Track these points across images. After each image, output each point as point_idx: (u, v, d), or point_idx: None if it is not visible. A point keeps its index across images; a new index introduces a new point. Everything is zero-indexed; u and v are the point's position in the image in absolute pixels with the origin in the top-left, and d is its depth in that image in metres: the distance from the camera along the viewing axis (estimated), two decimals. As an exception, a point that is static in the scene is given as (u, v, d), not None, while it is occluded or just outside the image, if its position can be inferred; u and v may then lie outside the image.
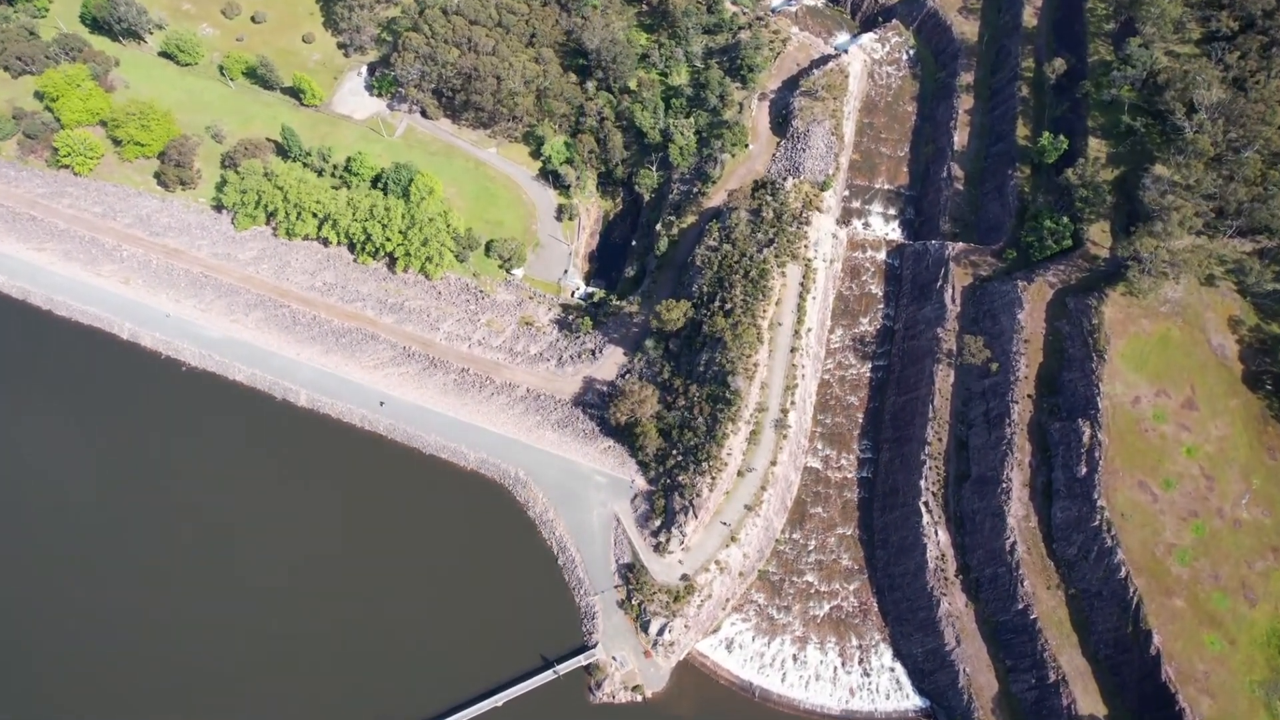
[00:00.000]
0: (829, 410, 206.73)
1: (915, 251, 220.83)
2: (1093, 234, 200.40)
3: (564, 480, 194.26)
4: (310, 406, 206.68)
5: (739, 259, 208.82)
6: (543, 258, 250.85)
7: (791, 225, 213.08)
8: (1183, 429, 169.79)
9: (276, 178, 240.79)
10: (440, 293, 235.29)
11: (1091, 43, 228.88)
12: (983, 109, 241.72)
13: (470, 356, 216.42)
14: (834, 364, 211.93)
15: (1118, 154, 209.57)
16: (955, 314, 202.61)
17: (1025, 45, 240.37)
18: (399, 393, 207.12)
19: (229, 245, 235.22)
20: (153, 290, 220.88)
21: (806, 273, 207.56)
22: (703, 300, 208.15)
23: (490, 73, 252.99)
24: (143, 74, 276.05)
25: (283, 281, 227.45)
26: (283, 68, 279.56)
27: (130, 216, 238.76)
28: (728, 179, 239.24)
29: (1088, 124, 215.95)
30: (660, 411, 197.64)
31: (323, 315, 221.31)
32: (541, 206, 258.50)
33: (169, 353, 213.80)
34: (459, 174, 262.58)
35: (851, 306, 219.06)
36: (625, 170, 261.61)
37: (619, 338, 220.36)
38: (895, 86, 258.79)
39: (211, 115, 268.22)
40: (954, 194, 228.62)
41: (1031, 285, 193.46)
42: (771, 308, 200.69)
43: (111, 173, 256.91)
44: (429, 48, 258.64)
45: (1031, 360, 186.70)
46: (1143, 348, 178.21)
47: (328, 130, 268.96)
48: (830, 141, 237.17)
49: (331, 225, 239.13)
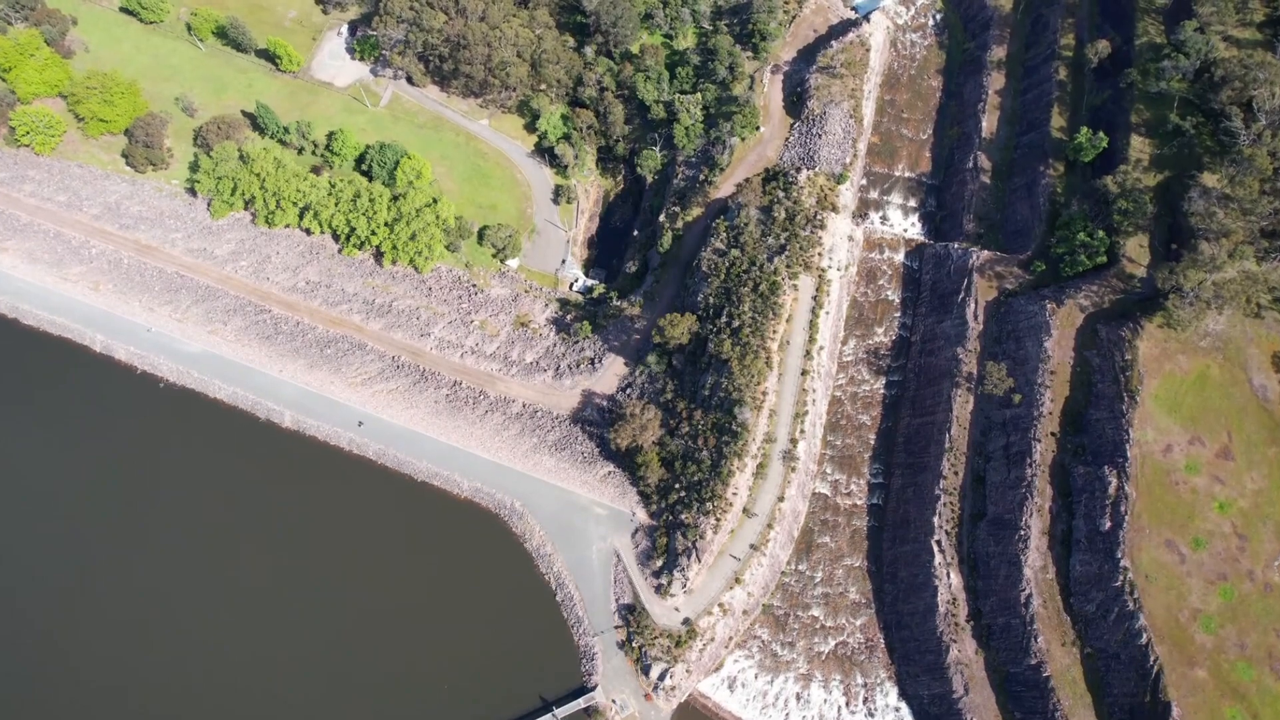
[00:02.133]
0: (839, 430, 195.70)
1: (936, 255, 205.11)
2: (1130, 249, 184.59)
3: (562, 512, 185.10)
4: (295, 428, 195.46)
5: (748, 268, 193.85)
6: (539, 245, 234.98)
7: (805, 229, 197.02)
8: (1216, 481, 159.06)
9: (253, 162, 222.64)
10: (431, 289, 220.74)
11: (1140, 20, 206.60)
12: (1014, 90, 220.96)
13: (463, 368, 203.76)
14: (846, 379, 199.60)
15: (1162, 156, 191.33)
16: (977, 332, 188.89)
17: (1065, 18, 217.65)
18: (389, 414, 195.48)
19: (205, 238, 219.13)
20: (125, 296, 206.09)
21: (820, 285, 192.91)
22: (708, 313, 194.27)
23: (480, 41, 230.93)
24: (104, 34, 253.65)
25: (263, 282, 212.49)
26: (256, 27, 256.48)
27: (98, 205, 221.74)
28: (736, 165, 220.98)
29: (1130, 119, 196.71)
30: (663, 437, 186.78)
31: (306, 321, 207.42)
32: (537, 187, 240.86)
33: (145, 367, 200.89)
34: (449, 150, 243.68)
35: (866, 315, 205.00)
36: (627, 146, 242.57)
37: (619, 345, 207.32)
38: (920, 58, 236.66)
39: (181, 84, 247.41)
40: (979, 188, 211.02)
41: (1061, 309, 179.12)
42: (782, 326, 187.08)
43: (75, 151, 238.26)
44: (413, 12, 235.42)
45: (1057, 393, 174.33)
46: (1178, 388, 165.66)
47: (307, 100, 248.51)
48: (848, 125, 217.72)
49: (313, 216, 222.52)
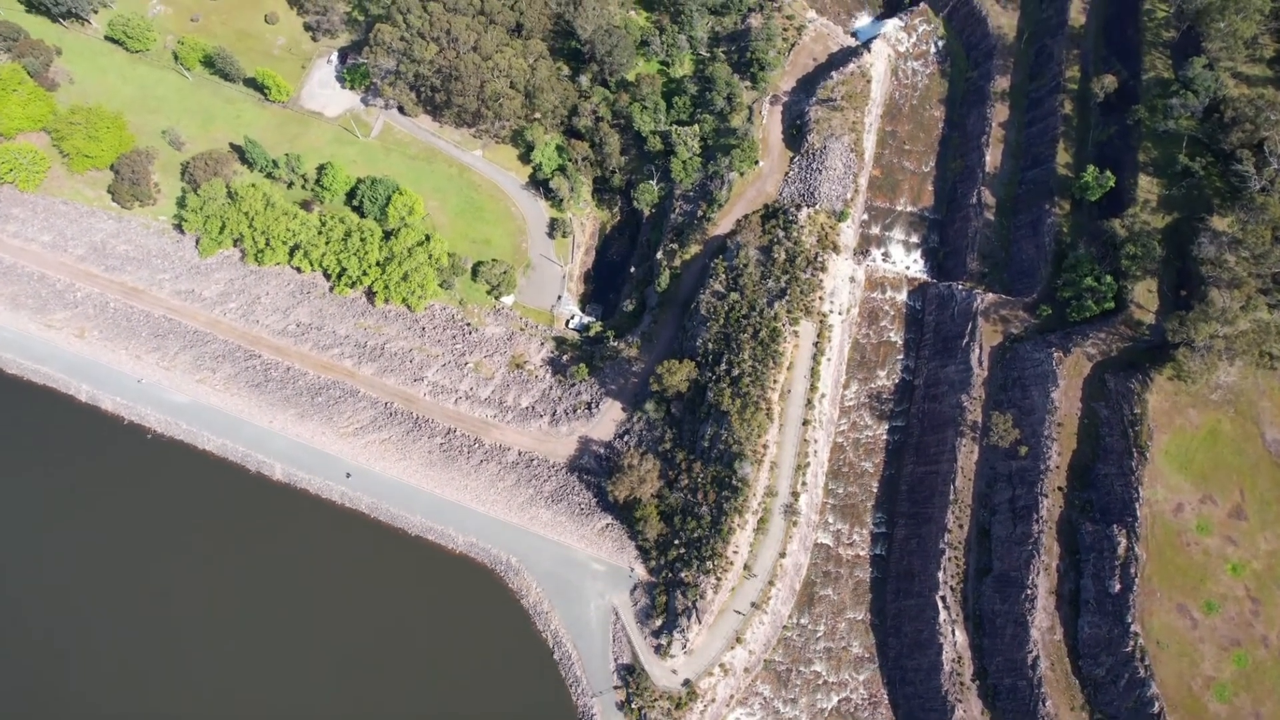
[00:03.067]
0: (841, 478, 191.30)
1: (940, 295, 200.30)
2: (1138, 294, 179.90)
3: (559, 568, 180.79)
4: (286, 481, 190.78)
5: (747, 313, 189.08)
6: (534, 281, 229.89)
7: (805, 271, 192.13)
8: (1228, 542, 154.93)
9: (241, 201, 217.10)
10: (424, 328, 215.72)
11: (1147, 54, 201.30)
12: (1018, 122, 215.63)
13: (457, 414, 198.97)
14: (848, 424, 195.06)
15: (1171, 197, 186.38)
16: (982, 379, 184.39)
17: (1070, 49, 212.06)
18: (381, 465, 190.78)
19: (193, 279, 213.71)
20: (112, 343, 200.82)
21: (821, 330, 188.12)
22: (707, 360, 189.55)
23: (472, 73, 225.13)
24: (89, 64, 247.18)
25: (252, 325, 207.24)
26: (244, 55, 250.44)
27: (83, 245, 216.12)
28: (735, 201, 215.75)
29: (1138, 157, 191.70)
30: (662, 489, 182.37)
31: (297, 366, 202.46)
32: (532, 220, 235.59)
33: (132, 418, 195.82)
34: (442, 182, 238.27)
35: (868, 357, 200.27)
36: (623, 178, 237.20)
37: (617, 389, 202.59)
38: (922, 86, 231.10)
39: (168, 115, 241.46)
40: (983, 225, 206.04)
41: (1068, 358, 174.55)
42: (783, 374, 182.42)
43: (60, 187, 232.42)
44: (403, 43, 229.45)
45: (1064, 446, 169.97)
46: (1188, 444, 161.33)
47: (297, 131, 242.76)
48: (849, 160, 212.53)
49: (304, 255, 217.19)
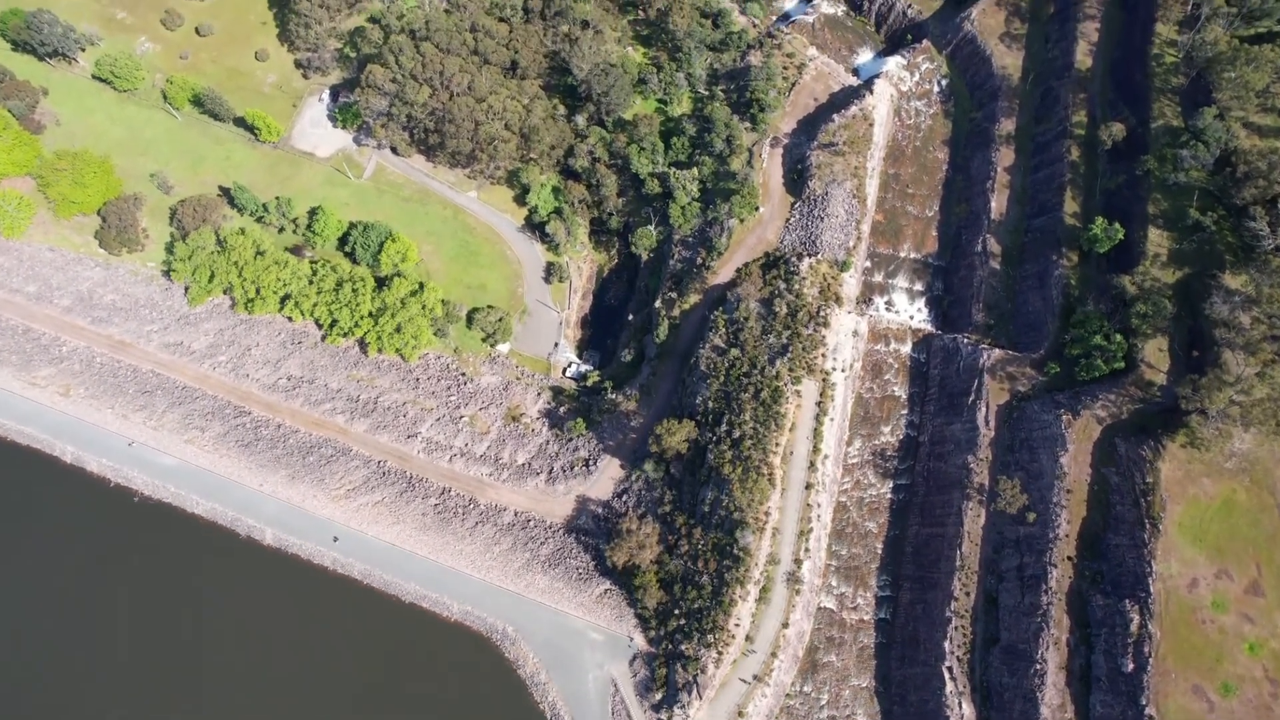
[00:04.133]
0: (845, 539, 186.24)
1: (945, 349, 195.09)
2: (1149, 353, 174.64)
3: (556, 637, 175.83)
4: (277, 545, 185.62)
5: (748, 371, 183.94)
6: (530, 328, 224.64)
7: (807, 326, 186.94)
8: (1245, 620, 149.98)
9: (230, 250, 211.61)
10: (418, 379, 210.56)
11: (1156, 101, 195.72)
12: (1024, 166, 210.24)
13: (452, 473, 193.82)
14: (851, 482, 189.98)
15: (1181, 252, 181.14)
16: (989, 439, 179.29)
17: (1077, 93, 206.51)
18: (375, 529, 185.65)
19: (182, 330, 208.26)
20: (98, 401, 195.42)
21: (824, 389, 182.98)
22: (707, 419, 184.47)
23: (466, 116, 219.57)
24: (75, 104, 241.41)
25: (242, 380, 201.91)
26: (234, 93, 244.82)
27: (70, 296, 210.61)
28: (735, 249, 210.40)
29: (1148, 209, 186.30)
30: (661, 555, 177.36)
31: (288, 424, 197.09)
32: (528, 265, 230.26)
33: (119, 480, 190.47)
34: (436, 225, 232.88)
35: (872, 412, 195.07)
36: (621, 220, 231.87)
37: (615, 444, 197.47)
38: (925, 127, 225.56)
39: (156, 158, 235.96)
40: (989, 274, 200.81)
41: (1077, 420, 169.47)
42: (785, 436, 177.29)
43: (46, 233, 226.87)
44: (395, 85, 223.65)
45: (1074, 514, 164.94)
46: (1203, 515, 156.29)
47: (288, 173, 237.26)
48: (851, 206, 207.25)
49: (295, 305, 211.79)
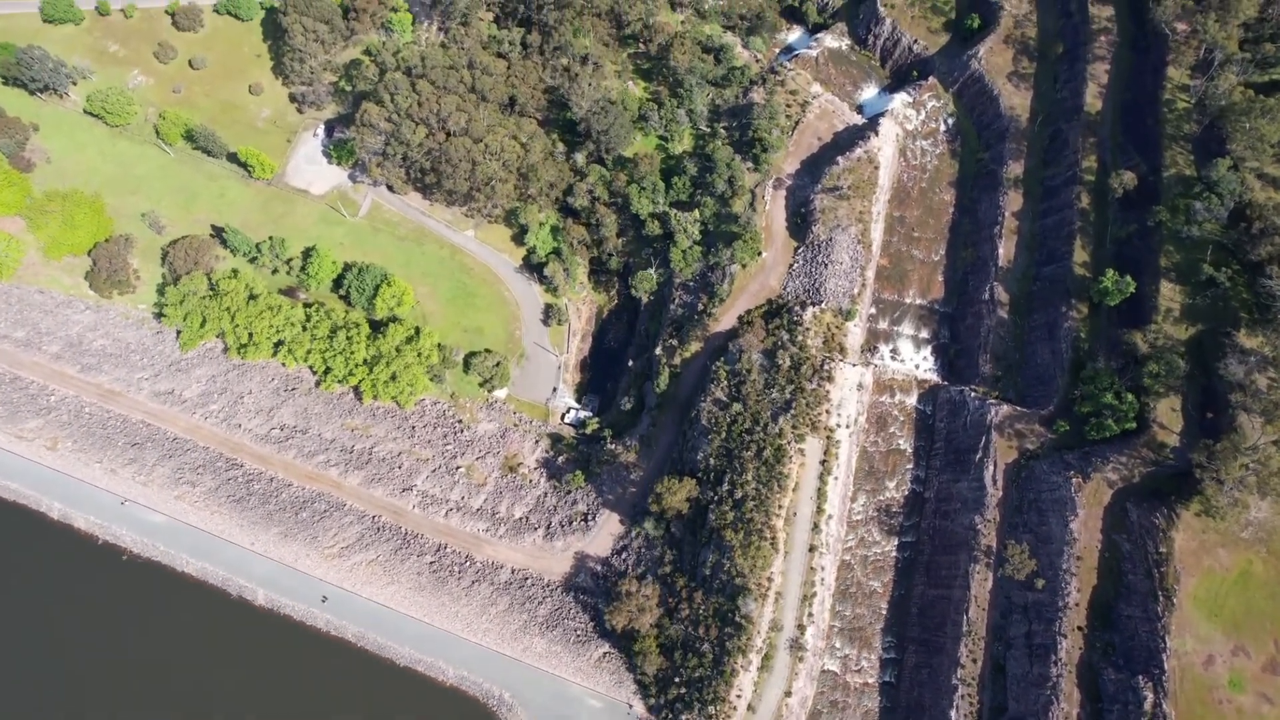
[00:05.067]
0: (849, 599, 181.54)
1: (951, 402, 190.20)
2: (1161, 412, 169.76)
3: (554, 703, 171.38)
4: (269, 606, 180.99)
5: (751, 427, 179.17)
6: (528, 372, 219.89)
7: (811, 381, 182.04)
8: (1264, 700, 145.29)
9: (222, 296, 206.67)
10: (414, 427, 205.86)
11: (1168, 148, 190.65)
12: (1032, 211, 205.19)
13: (448, 529, 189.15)
14: (855, 540, 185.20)
15: (1194, 307, 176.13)
16: (996, 499, 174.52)
17: (1086, 136, 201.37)
18: (369, 590, 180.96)
19: (173, 378, 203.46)
20: (86, 454, 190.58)
21: (828, 448, 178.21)
22: (708, 477, 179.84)
23: (463, 158, 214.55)
24: (66, 140, 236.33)
25: (234, 431, 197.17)
26: (228, 127, 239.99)
27: (59, 341, 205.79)
28: (737, 295, 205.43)
29: (1159, 261, 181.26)
30: (661, 619, 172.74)
31: (281, 477, 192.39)
32: (526, 307, 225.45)
33: (107, 538, 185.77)
34: (432, 265, 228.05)
35: (877, 467, 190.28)
36: (621, 260, 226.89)
37: (614, 498, 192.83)
38: (931, 168, 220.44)
39: (148, 195, 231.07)
40: (997, 324, 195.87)
41: (1087, 484, 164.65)
42: (788, 497, 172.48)
43: (36, 274, 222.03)
44: (391, 125, 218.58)
45: (1084, 582, 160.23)
46: (1218, 588, 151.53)
47: (282, 210, 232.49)
48: (856, 252, 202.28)
49: (288, 351, 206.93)
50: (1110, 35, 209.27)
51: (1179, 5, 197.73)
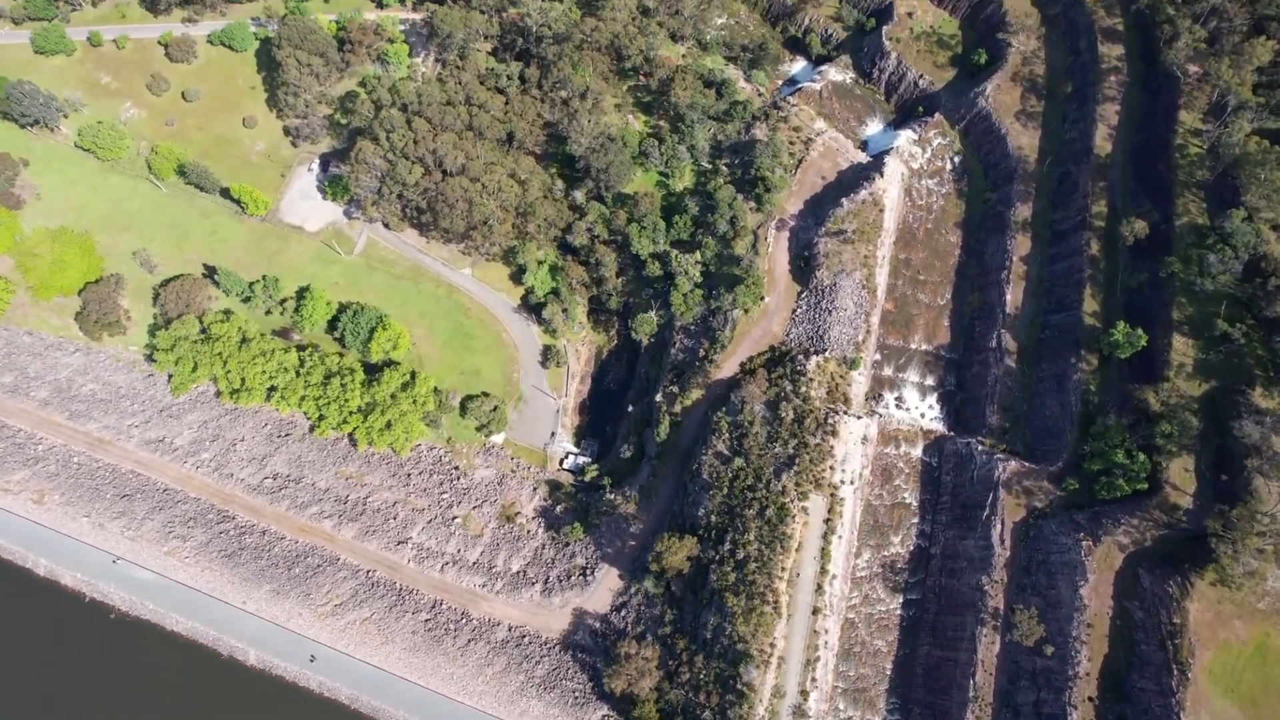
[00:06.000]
0: (852, 658, 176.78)
1: (958, 454, 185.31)
2: (1173, 472, 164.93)
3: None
4: (261, 667, 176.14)
5: (753, 483, 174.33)
6: (526, 415, 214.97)
7: (815, 435, 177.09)
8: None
9: (214, 341, 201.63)
10: (409, 475, 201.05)
11: (1180, 196, 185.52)
12: (1041, 256, 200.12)
13: (444, 584, 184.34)
14: (859, 597, 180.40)
15: (1208, 363, 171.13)
16: (1004, 559, 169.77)
17: (1096, 180, 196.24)
18: (363, 651, 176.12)
19: (164, 424, 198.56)
20: (74, 508, 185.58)
21: (832, 505, 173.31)
22: (709, 534, 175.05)
23: (460, 197, 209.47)
24: (57, 175, 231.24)
25: (226, 481, 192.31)
26: (221, 161, 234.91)
27: (47, 386, 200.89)
28: (739, 341, 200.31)
29: (1171, 314, 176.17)
30: (661, 682, 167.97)
31: (274, 529, 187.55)
32: (524, 348, 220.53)
33: (95, 595, 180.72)
34: (428, 305, 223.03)
35: (881, 521, 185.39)
36: (620, 300, 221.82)
37: (614, 552, 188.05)
38: (937, 208, 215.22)
39: (140, 233, 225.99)
40: (1004, 373, 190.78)
41: (1098, 548, 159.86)
42: (791, 558, 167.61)
43: (25, 315, 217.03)
44: (387, 163, 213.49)
45: (1094, 650, 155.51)
46: (1234, 661, 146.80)
47: (276, 248, 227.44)
48: (860, 298, 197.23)
49: (281, 397, 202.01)
50: (1120, 75, 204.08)
51: (1191, 47, 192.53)
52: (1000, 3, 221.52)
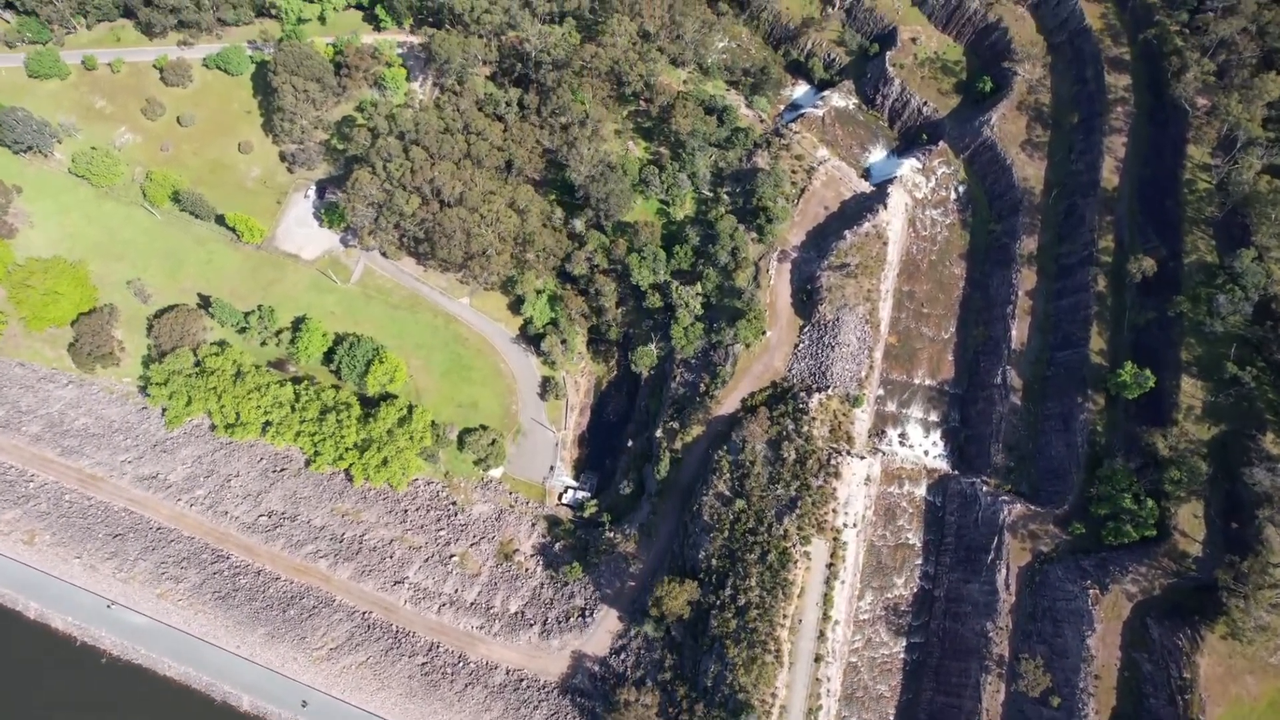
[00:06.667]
0: (855, 703, 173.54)
1: (962, 495, 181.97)
2: (1182, 518, 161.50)
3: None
4: (255, 713, 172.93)
5: (754, 527, 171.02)
6: (525, 449, 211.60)
7: (817, 477, 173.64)
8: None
9: (208, 376, 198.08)
10: (406, 511, 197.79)
11: (1188, 232, 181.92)
12: (1047, 290, 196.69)
13: (440, 626, 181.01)
14: (862, 640, 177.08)
15: (1217, 405, 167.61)
16: (1009, 605, 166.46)
17: (1103, 214, 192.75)
18: (358, 697, 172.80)
19: (158, 460, 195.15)
20: (65, 548, 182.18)
21: (835, 549, 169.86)
22: (710, 578, 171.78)
23: (457, 228, 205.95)
24: (51, 202, 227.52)
25: (220, 519, 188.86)
26: (217, 187, 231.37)
27: (39, 421, 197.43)
28: (741, 376, 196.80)
29: (1180, 355, 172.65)
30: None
31: (268, 569, 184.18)
32: (523, 379, 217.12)
33: (86, 639, 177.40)
34: (426, 336, 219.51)
35: (885, 562, 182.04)
36: (620, 330, 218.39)
37: (613, 593, 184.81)
38: (941, 239, 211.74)
39: (134, 263, 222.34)
40: (1009, 411, 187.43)
41: (1105, 597, 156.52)
42: (793, 605, 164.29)
43: (17, 346, 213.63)
44: (384, 194, 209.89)
45: (1102, 703, 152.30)
46: (1246, 718, 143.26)
47: (272, 276, 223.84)
48: (864, 333, 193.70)
49: (276, 432, 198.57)
50: (1127, 106, 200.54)
51: (1200, 80, 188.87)
52: (1005, 30, 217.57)
